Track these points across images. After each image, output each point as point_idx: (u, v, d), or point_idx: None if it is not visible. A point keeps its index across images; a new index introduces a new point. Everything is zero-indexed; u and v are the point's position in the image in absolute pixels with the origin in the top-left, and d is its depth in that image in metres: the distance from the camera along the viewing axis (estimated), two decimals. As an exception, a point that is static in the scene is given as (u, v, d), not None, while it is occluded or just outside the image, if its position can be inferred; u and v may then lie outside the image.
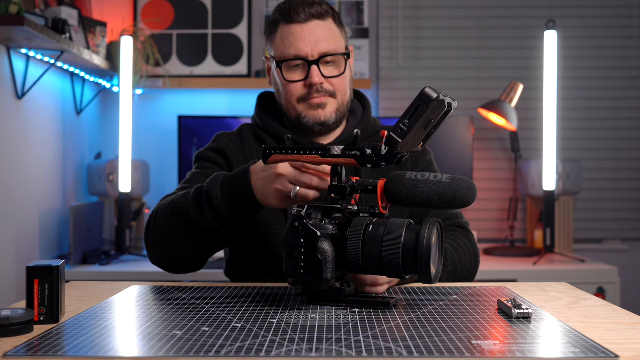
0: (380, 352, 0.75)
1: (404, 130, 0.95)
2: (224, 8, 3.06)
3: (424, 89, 0.93)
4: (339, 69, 1.41)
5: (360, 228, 0.97)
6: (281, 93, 1.44)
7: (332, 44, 1.39)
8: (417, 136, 0.98)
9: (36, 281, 0.90)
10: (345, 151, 1.01)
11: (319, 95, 1.40)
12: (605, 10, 3.10)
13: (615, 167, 3.11)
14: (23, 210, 2.29)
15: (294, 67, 1.40)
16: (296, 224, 0.98)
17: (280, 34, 1.40)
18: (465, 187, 0.99)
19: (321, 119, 1.40)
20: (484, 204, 3.06)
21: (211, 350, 0.76)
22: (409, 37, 3.10)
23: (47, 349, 0.77)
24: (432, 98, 0.92)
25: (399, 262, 0.94)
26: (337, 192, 1.03)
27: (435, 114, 0.96)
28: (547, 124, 2.74)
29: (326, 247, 0.96)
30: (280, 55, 1.40)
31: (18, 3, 1.92)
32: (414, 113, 0.94)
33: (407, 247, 0.94)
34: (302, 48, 1.37)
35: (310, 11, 1.38)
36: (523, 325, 0.88)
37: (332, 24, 1.42)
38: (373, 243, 0.95)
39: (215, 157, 1.46)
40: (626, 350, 0.76)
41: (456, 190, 0.98)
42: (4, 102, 2.16)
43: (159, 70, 2.98)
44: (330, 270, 0.96)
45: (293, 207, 0.99)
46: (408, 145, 0.98)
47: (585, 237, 3.09)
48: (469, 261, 1.37)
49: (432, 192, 0.99)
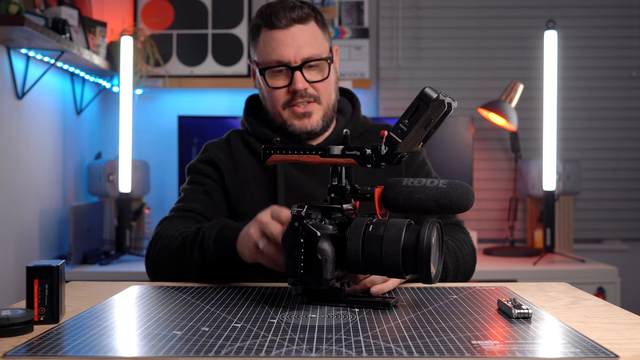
0: (380, 352, 0.75)
1: (403, 130, 0.95)
2: (224, 8, 3.06)
3: (424, 88, 0.93)
4: (322, 73, 1.41)
5: (360, 228, 0.97)
6: (266, 98, 1.45)
7: (315, 48, 1.39)
8: (417, 136, 0.98)
9: (36, 281, 0.89)
10: (345, 151, 1.01)
11: (303, 101, 1.39)
12: (605, 10, 3.10)
13: (615, 167, 3.11)
14: (23, 210, 2.29)
15: (277, 73, 1.39)
16: (296, 224, 0.97)
17: (263, 40, 1.40)
18: (462, 192, 0.99)
19: (307, 128, 1.41)
20: (484, 204, 3.06)
21: (211, 350, 0.76)
22: (409, 37, 3.10)
23: (47, 349, 0.77)
24: (432, 98, 0.92)
25: (399, 262, 0.94)
26: (337, 192, 1.03)
27: (435, 114, 0.96)
28: (547, 124, 2.74)
29: (326, 247, 0.96)
30: (263, 61, 1.40)
31: (18, 3, 1.92)
32: (414, 113, 0.94)
33: (407, 247, 0.94)
34: (284, 54, 1.37)
35: (291, 15, 1.37)
36: (523, 325, 0.88)
37: (315, 26, 1.41)
38: (373, 243, 0.95)
39: (206, 168, 1.46)
40: (626, 350, 0.76)
41: (453, 195, 0.98)
42: (4, 102, 2.16)
43: (159, 70, 2.98)
44: (330, 270, 0.96)
45: (293, 207, 0.99)
46: (408, 145, 0.98)
47: (585, 237, 3.09)
48: (470, 256, 1.39)
49: (429, 199, 0.99)
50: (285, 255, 0.98)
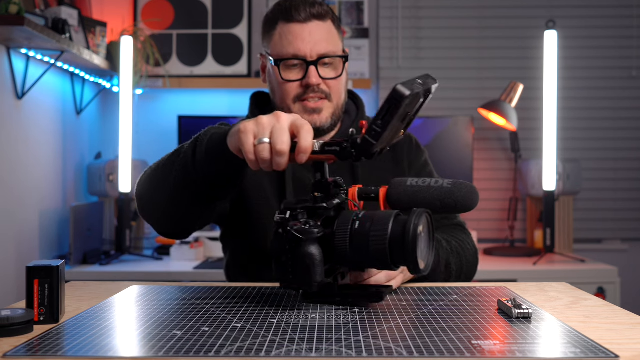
0: (380, 352, 0.75)
1: (377, 132, 0.92)
2: (224, 8, 3.06)
3: (395, 86, 0.89)
4: (336, 71, 1.40)
5: (347, 221, 0.95)
6: (276, 92, 1.43)
7: (332, 45, 1.39)
8: (394, 131, 0.95)
9: (36, 281, 0.89)
10: (324, 147, 0.98)
11: (315, 96, 1.39)
12: (605, 10, 3.10)
13: (615, 167, 3.11)
14: (23, 210, 2.29)
15: (291, 67, 1.39)
16: (280, 230, 0.96)
17: (279, 32, 1.39)
18: (467, 192, 0.99)
19: (316, 124, 1.40)
20: (484, 204, 3.06)
21: (211, 350, 0.76)
22: (409, 37, 3.10)
23: (47, 349, 0.77)
24: (405, 96, 0.89)
25: (387, 253, 0.93)
26: (321, 190, 1.00)
27: (410, 107, 0.93)
28: (547, 124, 2.74)
29: (312, 251, 0.94)
30: (278, 53, 1.39)
31: (18, 3, 1.92)
32: (387, 113, 0.90)
33: (393, 238, 0.92)
34: (301, 48, 1.36)
35: (311, 11, 1.37)
36: (523, 325, 0.88)
37: (332, 25, 1.41)
38: (361, 236, 0.94)
39: None
40: (626, 350, 0.76)
41: (457, 195, 0.98)
42: (4, 102, 2.16)
43: (159, 70, 2.98)
44: (319, 272, 0.95)
45: (276, 214, 0.97)
46: (385, 142, 0.95)
47: (585, 237, 3.09)
48: (472, 257, 1.40)
49: (434, 198, 0.98)
50: (274, 261, 0.97)
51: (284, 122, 0.96)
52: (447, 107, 3.07)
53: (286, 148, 0.95)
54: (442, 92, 2.99)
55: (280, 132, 0.95)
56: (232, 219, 1.43)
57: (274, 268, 0.98)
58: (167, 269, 2.52)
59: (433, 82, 0.96)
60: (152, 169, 1.25)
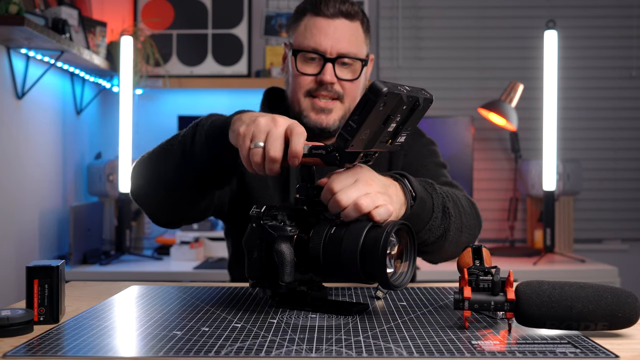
0: (380, 352, 0.75)
1: (352, 127, 0.88)
2: (224, 8, 3.06)
3: (372, 82, 0.86)
4: (354, 73, 1.37)
5: (323, 229, 0.93)
6: (290, 83, 1.41)
7: (354, 46, 1.36)
8: (375, 133, 0.90)
9: (36, 281, 0.89)
10: (311, 150, 0.95)
11: (327, 95, 1.36)
12: (605, 10, 3.10)
13: (615, 167, 3.11)
14: (23, 210, 2.29)
15: (309, 60, 1.36)
16: (254, 225, 0.94)
17: (305, 24, 1.37)
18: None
19: (322, 124, 1.37)
20: (484, 204, 3.05)
21: (211, 350, 0.76)
22: (409, 37, 3.10)
23: (47, 349, 0.77)
24: (381, 91, 0.84)
25: (357, 263, 0.89)
26: (303, 193, 0.97)
27: (391, 109, 0.88)
28: (547, 124, 2.74)
29: (283, 249, 0.92)
30: (299, 44, 1.37)
31: (18, 3, 1.92)
32: (363, 109, 0.86)
33: (365, 248, 0.89)
34: (322, 42, 1.34)
35: (340, 7, 1.35)
36: (523, 326, 0.88)
37: (359, 27, 1.38)
38: (334, 243, 0.91)
39: None
40: (626, 350, 0.76)
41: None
42: (4, 102, 2.16)
43: (159, 70, 2.98)
44: (288, 273, 0.92)
45: (253, 208, 0.95)
46: (364, 142, 0.91)
47: (585, 237, 3.09)
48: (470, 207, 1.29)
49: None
50: (246, 257, 0.96)
51: (281, 127, 0.96)
52: (447, 107, 3.07)
53: (279, 155, 0.94)
54: (442, 92, 2.99)
55: (274, 138, 0.95)
56: (235, 214, 1.43)
57: (245, 265, 0.96)
58: (167, 269, 2.52)
59: (425, 94, 0.92)
60: (149, 153, 1.26)
